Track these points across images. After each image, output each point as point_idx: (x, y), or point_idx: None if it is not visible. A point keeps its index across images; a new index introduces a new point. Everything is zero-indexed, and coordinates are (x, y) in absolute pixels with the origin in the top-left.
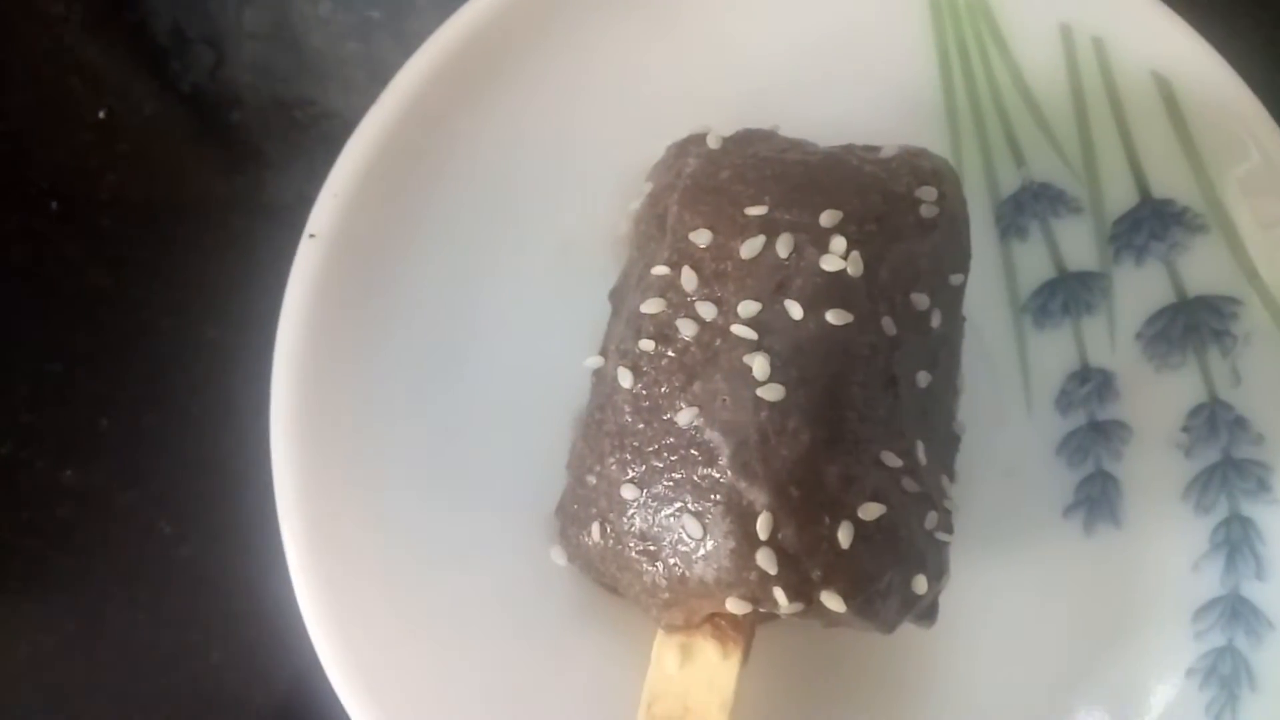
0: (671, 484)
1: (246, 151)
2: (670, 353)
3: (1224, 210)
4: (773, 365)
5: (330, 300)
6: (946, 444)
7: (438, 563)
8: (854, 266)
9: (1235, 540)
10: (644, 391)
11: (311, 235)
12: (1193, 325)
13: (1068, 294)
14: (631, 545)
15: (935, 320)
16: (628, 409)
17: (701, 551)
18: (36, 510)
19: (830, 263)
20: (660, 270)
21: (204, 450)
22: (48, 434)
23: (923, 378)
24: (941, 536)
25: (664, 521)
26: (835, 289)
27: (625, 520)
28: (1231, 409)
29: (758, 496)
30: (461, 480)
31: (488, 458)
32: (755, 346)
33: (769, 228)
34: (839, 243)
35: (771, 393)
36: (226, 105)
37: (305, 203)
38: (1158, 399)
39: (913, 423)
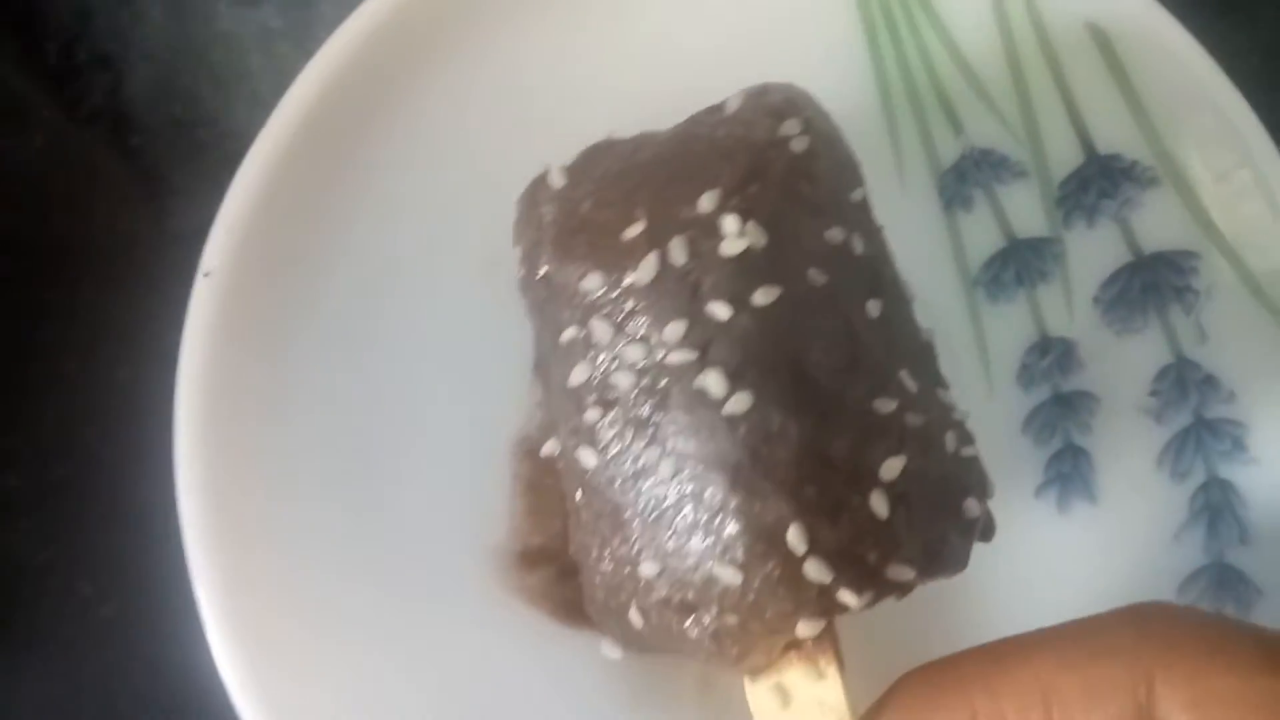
0: (686, 542)
1: (148, 178)
2: (619, 414)
3: (1174, 161)
4: (727, 376)
5: (231, 342)
6: (924, 358)
7: (359, 609)
8: (756, 238)
9: (1215, 505)
10: (612, 463)
11: (206, 274)
12: (1152, 284)
13: (1019, 263)
14: (675, 620)
15: (857, 246)
16: (605, 486)
17: (750, 596)
18: None
19: (732, 246)
20: (569, 334)
21: (121, 502)
22: None
23: (873, 307)
24: (967, 452)
25: (698, 584)
26: (749, 270)
27: (658, 598)
28: (1199, 367)
29: (777, 512)
30: (384, 520)
31: (414, 494)
32: (700, 366)
33: (655, 240)
34: (731, 222)
35: (739, 404)
36: (125, 130)
37: (209, 228)
38: (1122, 364)
39: (886, 357)
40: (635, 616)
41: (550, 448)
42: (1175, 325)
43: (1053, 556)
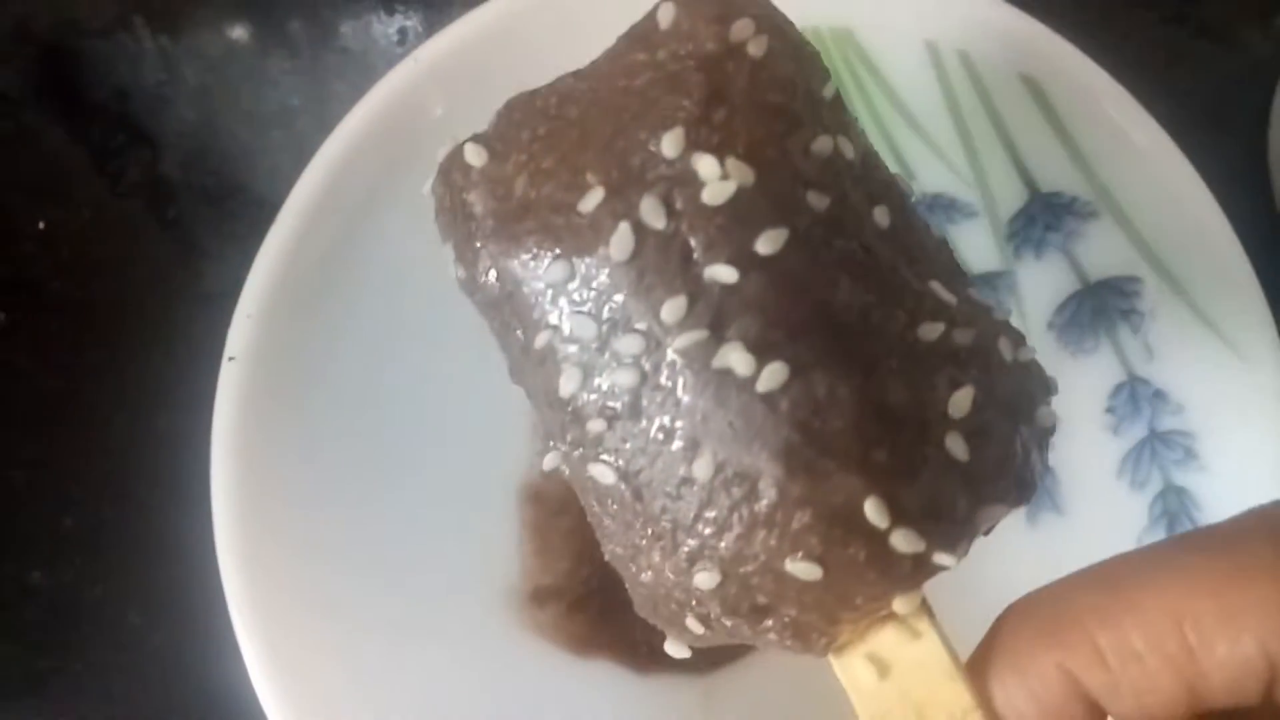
0: (746, 545)
1: (183, 245)
2: (630, 422)
3: (1110, 195)
4: (751, 349)
5: (256, 414)
6: (946, 258)
7: (384, 645)
8: (741, 175)
9: (1173, 511)
10: (636, 476)
11: (231, 358)
12: (1100, 308)
13: None
14: (747, 624)
15: (847, 150)
16: (630, 500)
17: (836, 589)
18: (7, 616)
19: (716, 191)
20: (543, 339)
21: (166, 538)
22: (13, 539)
23: (880, 215)
24: (1024, 355)
25: (770, 587)
26: (744, 215)
27: (722, 608)
28: (1150, 383)
29: (847, 490)
30: (405, 562)
31: (432, 541)
32: (716, 343)
33: (620, 206)
34: (706, 162)
35: (773, 378)
36: (161, 202)
37: (241, 288)
38: (1079, 384)
39: (912, 272)
40: (694, 624)
41: (552, 461)
42: (1124, 345)
43: (1025, 567)
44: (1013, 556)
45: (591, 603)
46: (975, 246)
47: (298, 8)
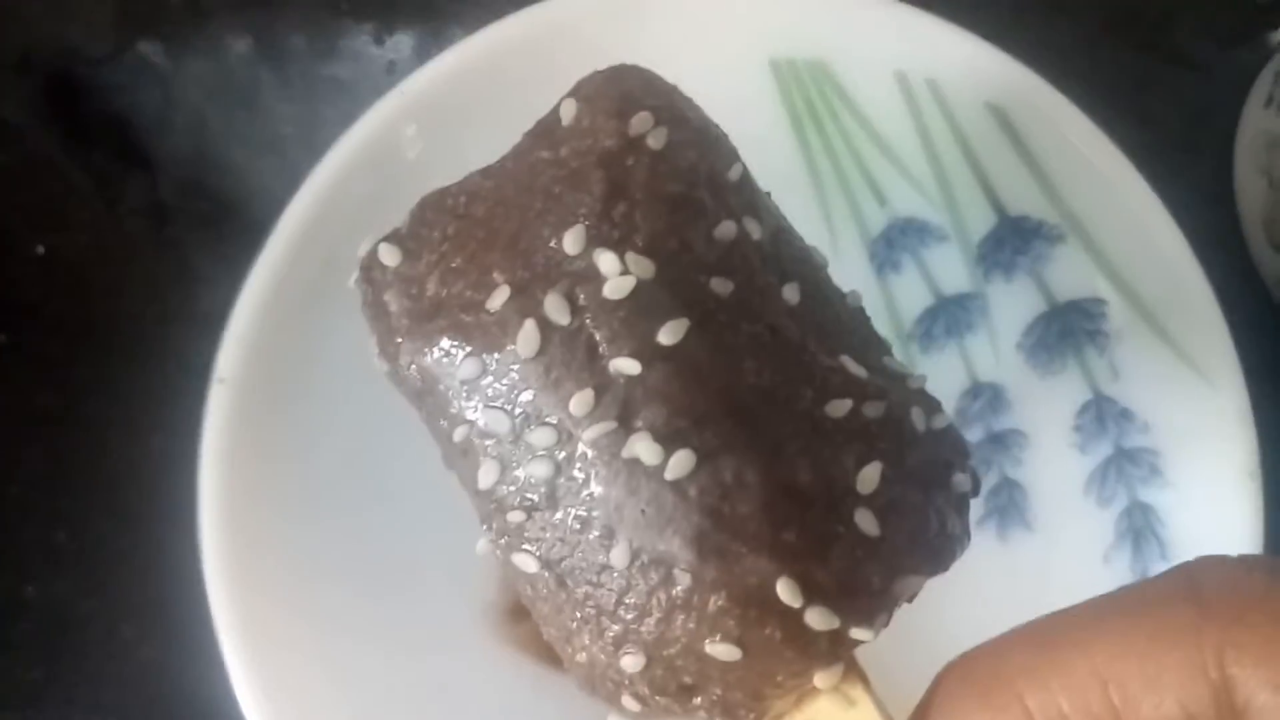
0: (667, 628)
1: (177, 268)
2: (546, 513)
3: (1076, 219)
4: (657, 438)
5: (244, 438)
6: (859, 329)
7: (367, 658)
8: (641, 268)
9: (1138, 527)
10: (557, 564)
11: (220, 380)
12: (1067, 329)
13: (948, 317)
14: (676, 703)
15: (754, 231)
16: (555, 587)
17: (756, 668)
18: (1, 626)
19: (616, 286)
20: (461, 434)
21: (156, 554)
22: (9, 552)
23: (790, 293)
24: (938, 423)
25: (694, 668)
26: (645, 308)
27: (650, 689)
28: (1115, 402)
29: (759, 572)
30: (389, 578)
31: (414, 557)
32: (624, 434)
33: (526, 304)
34: (606, 259)
35: (681, 466)
36: (158, 224)
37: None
38: (1047, 403)
39: (821, 348)
40: (630, 702)
41: (483, 546)
42: (1091, 365)
43: (996, 583)
44: (985, 571)
45: None
46: (947, 269)
47: (290, 40)
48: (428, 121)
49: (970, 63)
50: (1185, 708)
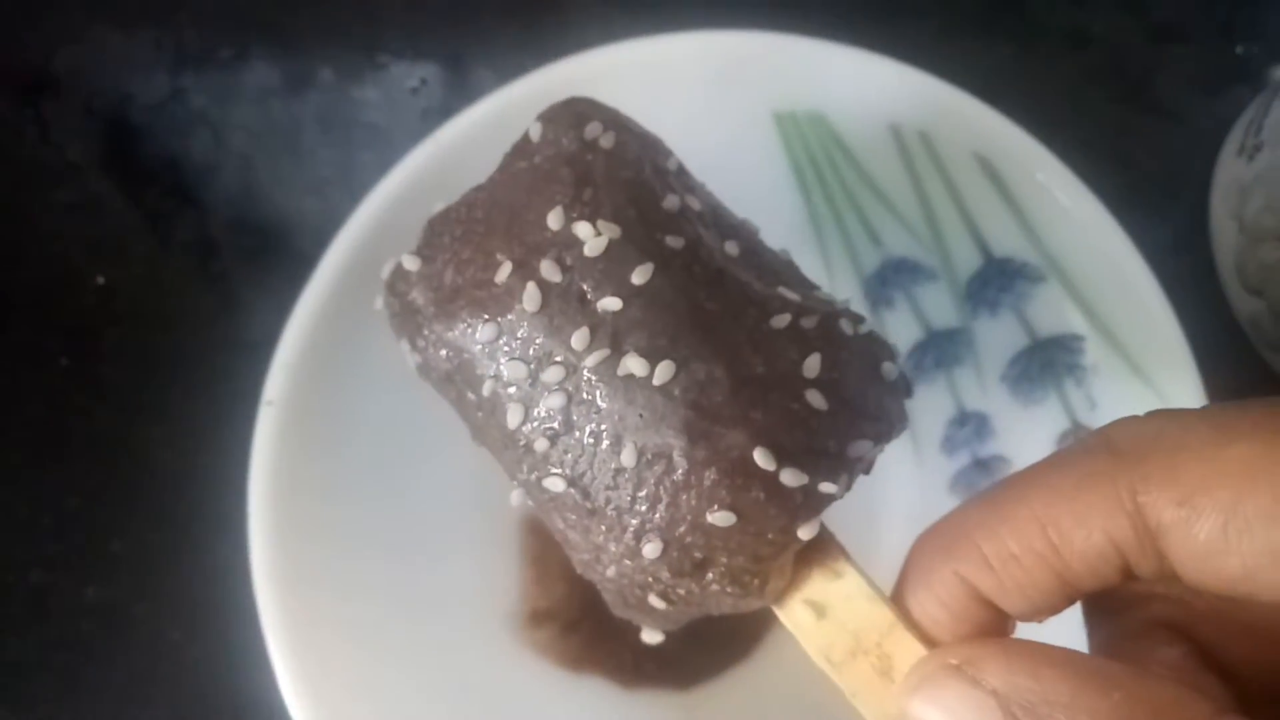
0: (676, 509)
1: (225, 298)
2: (566, 434)
3: (1056, 261)
4: (643, 354)
5: (290, 457)
6: (791, 271)
7: (402, 662)
8: (610, 230)
9: None
10: (580, 478)
11: (269, 403)
12: (1048, 363)
13: (937, 350)
14: (694, 584)
15: (693, 204)
16: (581, 500)
17: (751, 529)
18: (64, 627)
19: (594, 246)
20: (489, 388)
21: (204, 562)
22: (70, 560)
23: (731, 247)
24: (863, 329)
25: (701, 541)
26: (618, 259)
27: (670, 572)
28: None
29: (739, 445)
30: (419, 587)
31: (443, 568)
32: (617, 357)
33: (526, 271)
34: (583, 228)
35: (665, 373)
36: (207, 259)
37: (278, 337)
38: (1029, 431)
39: (760, 283)
40: (657, 602)
41: (517, 496)
42: (1070, 396)
43: None
44: None
45: (584, 625)
46: (937, 305)
47: (330, 89)
48: (457, 166)
49: (959, 116)
50: (1110, 535)
